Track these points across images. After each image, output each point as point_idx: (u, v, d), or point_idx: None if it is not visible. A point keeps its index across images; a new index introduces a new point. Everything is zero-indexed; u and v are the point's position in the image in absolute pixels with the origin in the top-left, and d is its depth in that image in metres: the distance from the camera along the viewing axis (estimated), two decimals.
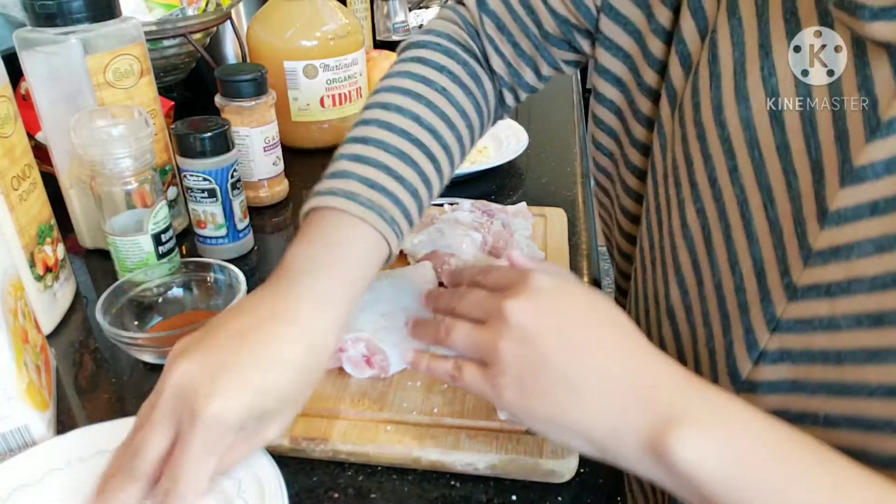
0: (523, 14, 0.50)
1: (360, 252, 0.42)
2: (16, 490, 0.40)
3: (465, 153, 0.52)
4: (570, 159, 0.89)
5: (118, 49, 0.60)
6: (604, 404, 0.34)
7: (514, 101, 0.55)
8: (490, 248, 0.62)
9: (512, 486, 0.42)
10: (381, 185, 0.43)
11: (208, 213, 0.64)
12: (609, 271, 2.35)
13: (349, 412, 0.46)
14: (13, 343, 0.42)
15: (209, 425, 0.34)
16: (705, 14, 0.40)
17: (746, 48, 0.37)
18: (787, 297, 0.35)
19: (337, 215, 0.42)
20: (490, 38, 0.51)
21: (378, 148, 0.45)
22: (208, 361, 0.36)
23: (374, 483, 0.43)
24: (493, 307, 0.37)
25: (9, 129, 0.52)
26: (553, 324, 0.36)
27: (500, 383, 0.36)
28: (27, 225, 0.54)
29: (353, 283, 0.41)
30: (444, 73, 0.49)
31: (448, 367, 0.39)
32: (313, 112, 0.89)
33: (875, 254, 0.31)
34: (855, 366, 0.33)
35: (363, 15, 1.17)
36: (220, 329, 0.38)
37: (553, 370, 0.35)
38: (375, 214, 0.42)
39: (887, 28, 0.29)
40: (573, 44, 0.50)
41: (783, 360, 0.36)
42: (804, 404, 0.35)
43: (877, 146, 0.31)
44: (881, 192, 0.31)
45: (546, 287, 0.37)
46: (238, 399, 0.35)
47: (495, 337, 0.36)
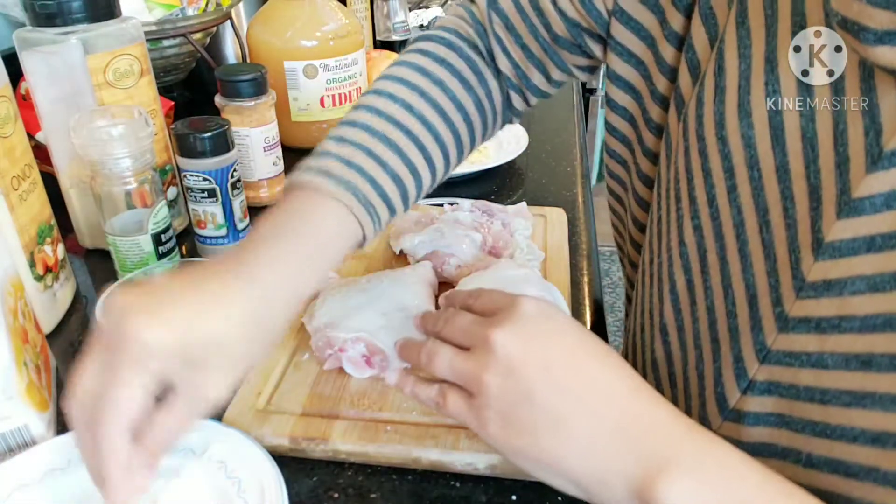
0: (533, 15, 0.48)
1: (327, 227, 0.40)
2: (16, 490, 0.40)
3: (464, 149, 0.50)
4: (570, 159, 0.89)
5: (118, 49, 0.60)
6: (590, 446, 0.32)
7: (524, 104, 0.54)
8: (490, 248, 0.62)
9: (512, 486, 0.42)
10: (359, 166, 0.42)
11: (208, 213, 0.64)
12: (609, 271, 2.33)
13: (349, 412, 0.46)
14: (13, 343, 0.42)
15: (131, 345, 0.33)
16: (716, 21, 0.39)
17: (753, 61, 0.35)
18: (777, 328, 0.34)
19: (310, 192, 0.41)
20: (498, 37, 0.50)
21: (363, 131, 0.44)
22: (150, 296, 0.35)
23: (374, 483, 0.43)
24: (479, 335, 0.35)
25: (9, 129, 0.52)
26: (540, 355, 0.34)
27: (483, 416, 0.34)
28: (27, 225, 0.54)
29: (315, 254, 0.39)
30: (444, 66, 0.48)
31: (432, 393, 0.38)
32: (313, 112, 0.89)
33: (868, 292, 0.30)
34: (840, 408, 0.32)
35: (363, 15, 1.17)
36: (173, 277, 0.37)
37: (538, 406, 0.33)
38: (349, 193, 0.41)
39: (892, 53, 0.28)
40: (584, 48, 0.48)
41: (771, 392, 0.35)
42: (790, 441, 0.35)
43: (877, 178, 0.29)
44: (878, 228, 0.29)
45: (534, 315, 0.36)
46: (166, 328, 0.33)
47: (480, 368, 0.35)
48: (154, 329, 0.33)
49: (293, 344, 0.53)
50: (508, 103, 0.54)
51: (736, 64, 0.36)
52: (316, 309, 0.53)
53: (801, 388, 0.33)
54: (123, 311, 0.33)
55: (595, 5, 0.45)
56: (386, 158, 0.43)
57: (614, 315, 2.17)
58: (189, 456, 0.42)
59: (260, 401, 0.47)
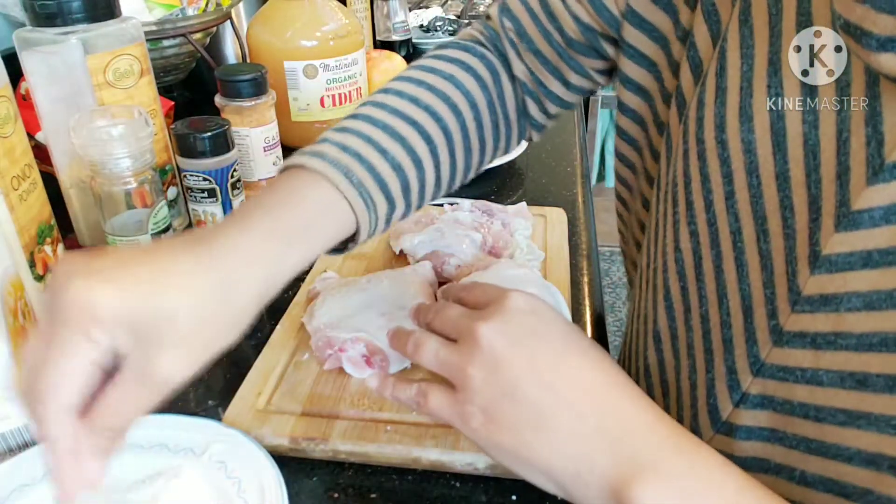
0: (545, 20, 0.47)
1: (312, 204, 0.38)
2: (16, 490, 0.40)
3: (472, 150, 0.47)
4: (570, 159, 0.89)
5: (118, 49, 0.60)
6: (571, 444, 0.32)
7: (543, 115, 0.51)
8: (490, 248, 0.62)
9: (512, 486, 0.42)
10: (356, 151, 0.40)
11: (208, 213, 0.64)
12: (609, 271, 2.33)
13: (349, 412, 0.46)
14: (13, 343, 0.42)
15: (74, 310, 0.29)
16: (719, 18, 0.37)
17: (755, 62, 0.34)
18: (772, 341, 0.33)
19: (301, 172, 0.39)
20: (512, 42, 0.49)
21: (364, 121, 0.42)
22: (100, 260, 0.31)
23: (374, 483, 0.43)
24: (466, 327, 0.35)
25: (9, 129, 0.51)
26: (525, 351, 0.34)
27: (466, 411, 0.34)
28: (27, 225, 0.54)
29: (296, 231, 0.36)
30: (456, 64, 0.47)
31: (412, 393, 0.37)
32: (313, 112, 0.89)
33: (864, 310, 0.29)
34: (834, 426, 0.31)
35: (363, 15, 1.17)
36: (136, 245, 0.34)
37: (522, 401, 0.33)
38: (340, 173, 0.38)
39: (895, 61, 0.26)
40: (599, 50, 0.47)
41: (764, 406, 0.34)
42: (783, 457, 0.34)
43: (877, 191, 0.28)
44: (876, 243, 0.28)
45: (522, 309, 0.35)
46: (113, 291, 0.29)
47: (465, 361, 0.34)
48: (99, 292, 0.29)
49: (293, 344, 0.53)
50: (525, 111, 0.51)
51: (738, 64, 0.35)
52: (316, 309, 0.53)
53: (796, 404, 0.33)
54: (68, 274, 0.30)
55: (607, 7, 0.44)
56: (386, 146, 0.41)
57: (614, 315, 2.17)
58: (189, 456, 0.42)
59: (260, 401, 0.47)
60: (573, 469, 0.32)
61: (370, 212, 0.40)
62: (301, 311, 0.56)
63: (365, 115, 0.43)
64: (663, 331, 0.41)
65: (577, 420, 0.32)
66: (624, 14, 0.43)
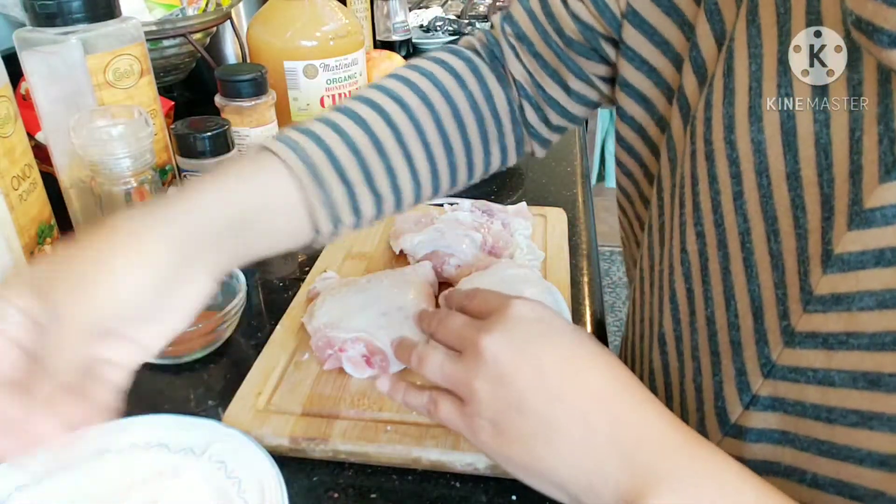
0: (545, 21, 0.46)
1: (261, 181, 0.38)
2: (16, 490, 0.40)
3: (456, 150, 0.46)
4: (570, 159, 0.89)
5: (118, 49, 0.60)
6: (583, 456, 0.32)
7: (545, 125, 0.50)
8: (490, 248, 0.62)
9: (512, 487, 0.42)
10: (314, 132, 0.40)
11: None
12: (609, 271, 2.32)
13: (349, 412, 0.46)
14: None
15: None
16: (722, 17, 0.37)
17: (764, 62, 0.33)
18: (783, 342, 0.33)
19: (254, 152, 0.40)
20: (511, 45, 0.48)
21: (329, 110, 0.43)
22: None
23: (374, 483, 0.43)
24: (470, 339, 0.35)
25: (9, 129, 0.52)
26: (531, 361, 0.33)
27: (475, 424, 0.34)
28: (27, 225, 0.54)
29: (225, 203, 0.36)
30: (437, 63, 0.47)
31: (423, 400, 0.37)
32: (313, 112, 0.89)
33: (877, 309, 0.29)
34: (846, 428, 0.31)
35: (363, 15, 1.17)
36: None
37: (530, 414, 0.32)
38: (290, 150, 0.39)
39: None
40: (600, 52, 0.45)
41: (775, 408, 0.34)
42: (794, 459, 0.34)
43: (890, 188, 0.28)
44: (888, 241, 0.28)
45: (526, 318, 0.35)
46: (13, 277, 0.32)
47: (470, 375, 0.34)
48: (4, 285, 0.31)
49: (293, 344, 0.53)
50: (524, 118, 0.50)
51: (746, 64, 0.34)
52: (316, 309, 0.53)
53: (807, 405, 0.32)
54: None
55: (609, 6, 0.43)
56: (347, 129, 0.41)
57: (614, 315, 2.17)
58: (189, 456, 0.42)
59: (260, 401, 0.47)
60: (586, 482, 0.32)
61: (323, 192, 0.39)
62: (301, 311, 0.56)
63: (332, 107, 0.44)
64: (668, 333, 0.41)
65: (589, 431, 0.32)
66: (625, 14, 0.43)
